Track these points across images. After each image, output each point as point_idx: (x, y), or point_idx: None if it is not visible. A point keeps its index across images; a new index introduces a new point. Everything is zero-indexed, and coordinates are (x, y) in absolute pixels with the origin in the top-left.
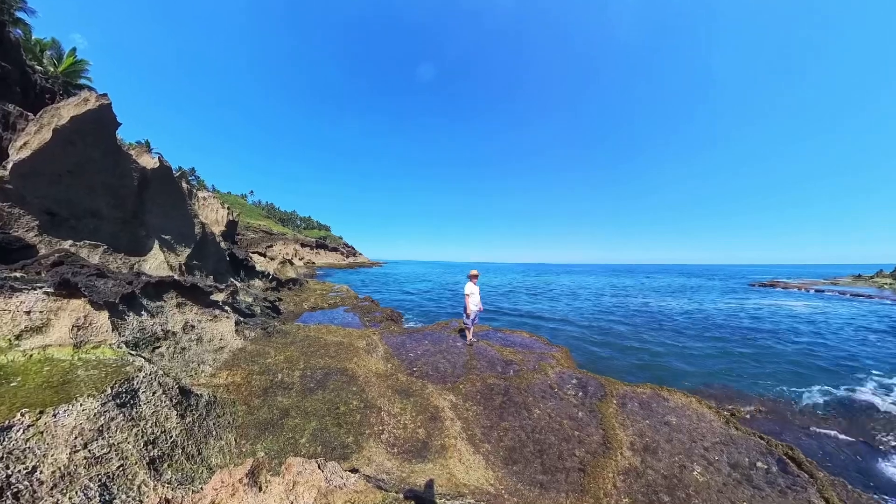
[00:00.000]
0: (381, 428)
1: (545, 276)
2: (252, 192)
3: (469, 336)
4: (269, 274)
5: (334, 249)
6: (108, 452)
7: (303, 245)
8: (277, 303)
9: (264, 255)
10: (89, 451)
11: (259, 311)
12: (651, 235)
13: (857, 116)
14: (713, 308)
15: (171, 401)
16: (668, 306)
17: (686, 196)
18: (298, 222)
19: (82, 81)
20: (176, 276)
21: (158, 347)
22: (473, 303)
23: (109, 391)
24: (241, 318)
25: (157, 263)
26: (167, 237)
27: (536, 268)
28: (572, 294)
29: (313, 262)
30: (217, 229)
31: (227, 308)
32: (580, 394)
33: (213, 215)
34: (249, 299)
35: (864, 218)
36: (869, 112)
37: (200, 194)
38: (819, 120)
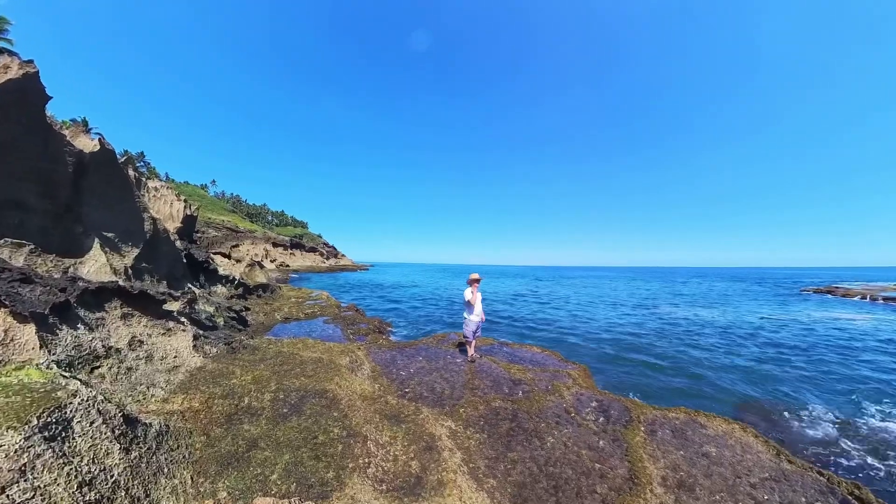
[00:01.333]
0: (367, 460)
1: (559, 281)
2: (214, 181)
3: (470, 351)
4: (234, 279)
5: (312, 250)
6: (33, 497)
7: (275, 245)
8: (244, 313)
9: (229, 257)
10: (8, 496)
11: (222, 323)
12: (687, 233)
13: None
14: (756, 320)
15: (113, 432)
16: (704, 317)
17: (731, 186)
18: (270, 218)
19: (1, 45)
20: (121, 282)
21: (98, 367)
22: (475, 312)
23: (35, 422)
24: (201, 332)
25: (97, 266)
26: (110, 235)
27: (549, 271)
28: (591, 302)
29: (287, 265)
30: (171, 226)
31: (183, 319)
32: (601, 419)
33: (166, 209)
34: (211, 309)
35: None
36: None
37: (151, 184)
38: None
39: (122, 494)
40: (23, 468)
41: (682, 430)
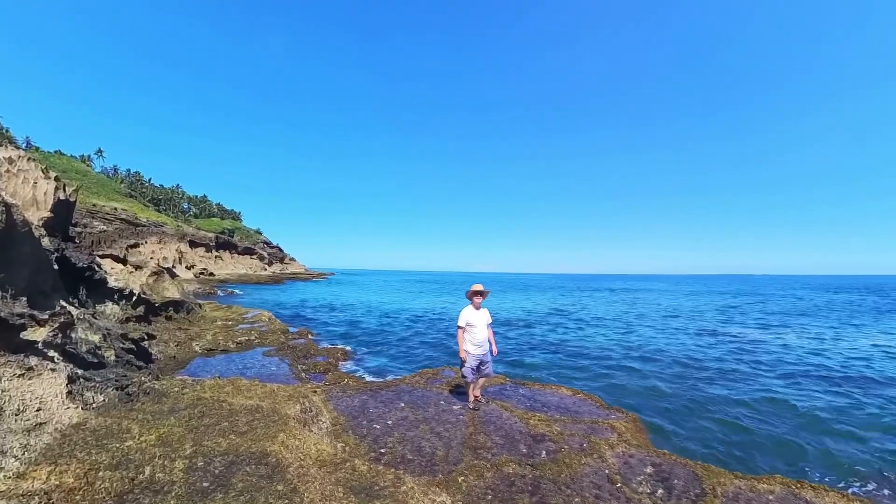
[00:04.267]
0: None
1: (593, 295)
2: (101, 151)
3: (472, 394)
4: (131, 293)
5: (248, 252)
6: None
7: (193, 244)
8: (147, 342)
9: (124, 262)
10: None
11: (113, 358)
12: (778, 229)
13: None
14: (872, 347)
15: None
16: (797, 344)
17: (847, 158)
18: (186, 206)
19: None
20: None
21: None
22: (476, 340)
23: None
24: (80, 372)
25: None
26: None
27: (579, 281)
28: (639, 323)
29: (211, 273)
30: (35, 216)
31: (52, 354)
32: (660, 491)
33: (27, 191)
34: (96, 338)
35: None
36: None
37: (2, 153)
38: None
39: None
40: None
41: None
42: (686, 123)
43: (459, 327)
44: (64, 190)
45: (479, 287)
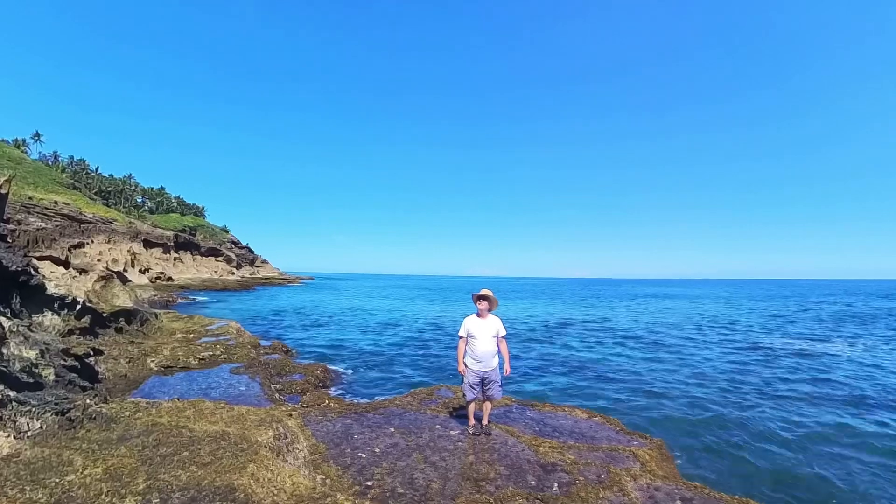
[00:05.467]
0: None
1: (612, 302)
2: (39, 135)
3: (474, 417)
4: (75, 301)
5: (213, 253)
6: None
7: (149, 244)
8: (93, 359)
9: (67, 264)
10: None
11: (52, 378)
12: (852, 225)
13: None
14: None
15: None
16: (852, 357)
17: None
18: (140, 199)
19: None
20: None
21: None
22: (476, 353)
23: None
24: (12, 394)
25: None
26: None
27: (597, 286)
28: (666, 333)
29: (170, 278)
30: None
31: None
32: None
33: None
34: (32, 353)
35: None
36: None
37: None
38: None
39: None
40: None
41: None
42: (728, 105)
43: (459, 337)
44: None
45: (486, 292)
